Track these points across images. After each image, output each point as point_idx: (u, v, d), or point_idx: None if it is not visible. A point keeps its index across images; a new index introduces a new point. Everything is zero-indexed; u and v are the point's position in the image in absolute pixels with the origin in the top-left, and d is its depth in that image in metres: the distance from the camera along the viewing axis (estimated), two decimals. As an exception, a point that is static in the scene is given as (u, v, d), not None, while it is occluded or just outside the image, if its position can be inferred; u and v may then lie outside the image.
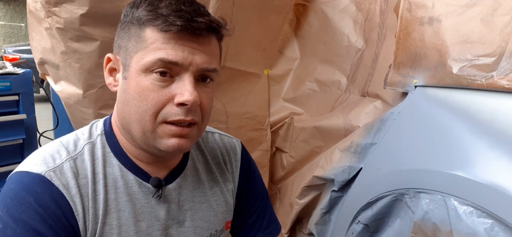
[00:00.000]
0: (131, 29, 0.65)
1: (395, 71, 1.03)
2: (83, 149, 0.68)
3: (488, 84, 0.82)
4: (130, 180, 0.70)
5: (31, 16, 1.23)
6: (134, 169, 0.70)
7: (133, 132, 0.66)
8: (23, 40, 12.13)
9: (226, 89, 1.39)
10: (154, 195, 0.71)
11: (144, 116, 0.64)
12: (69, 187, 0.64)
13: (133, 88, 0.64)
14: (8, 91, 1.65)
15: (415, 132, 0.97)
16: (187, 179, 0.76)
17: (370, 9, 1.27)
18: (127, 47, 0.65)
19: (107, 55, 0.70)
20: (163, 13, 0.62)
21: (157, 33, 0.62)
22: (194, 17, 0.62)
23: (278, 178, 1.57)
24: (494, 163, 0.76)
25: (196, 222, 0.76)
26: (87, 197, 0.65)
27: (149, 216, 0.70)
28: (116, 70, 0.70)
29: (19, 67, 1.81)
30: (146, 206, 0.70)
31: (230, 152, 0.86)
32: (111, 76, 0.71)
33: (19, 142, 1.68)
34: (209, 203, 0.78)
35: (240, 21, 1.30)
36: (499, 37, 0.82)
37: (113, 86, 0.70)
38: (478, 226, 0.74)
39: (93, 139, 0.71)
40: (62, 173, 0.64)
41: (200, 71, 0.65)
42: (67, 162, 0.66)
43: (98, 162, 0.69)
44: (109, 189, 0.68)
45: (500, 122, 0.79)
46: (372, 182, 1.06)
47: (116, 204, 0.68)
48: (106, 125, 0.73)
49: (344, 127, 1.24)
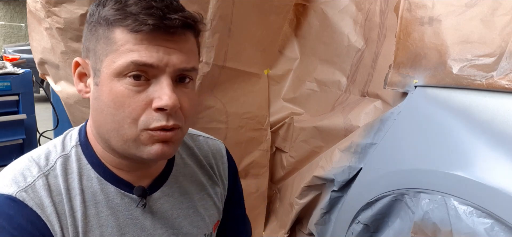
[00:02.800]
0: (99, 30, 0.60)
1: (395, 71, 1.03)
2: (55, 163, 0.63)
3: (488, 84, 0.82)
4: (111, 192, 0.65)
5: (31, 16, 1.23)
6: (114, 180, 0.65)
7: (111, 141, 0.61)
8: (23, 40, 12.12)
9: (226, 89, 1.39)
10: (138, 204, 0.67)
11: (122, 124, 0.59)
12: (43, 207, 0.59)
13: (106, 95, 0.58)
14: (8, 91, 1.65)
15: (415, 132, 0.97)
16: (172, 186, 0.72)
17: (370, 9, 1.27)
18: (95, 50, 0.60)
19: (75, 59, 0.64)
20: (132, 12, 0.57)
21: (128, 34, 0.57)
22: (167, 14, 0.57)
23: (278, 178, 1.57)
24: (494, 163, 0.76)
25: (184, 228, 0.73)
26: (64, 215, 0.60)
27: (134, 228, 0.66)
28: (86, 75, 0.64)
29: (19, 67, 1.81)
30: (130, 218, 0.66)
31: (216, 155, 0.82)
32: (81, 81, 0.65)
33: (19, 142, 1.69)
34: (196, 209, 0.75)
35: (240, 21, 1.30)
36: (499, 37, 0.82)
37: (84, 92, 0.64)
38: (478, 226, 0.74)
39: (67, 152, 0.65)
40: (35, 192, 0.59)
41: (177, 72, 0.60)
42: (39, 179, 0.60)
43: (72, 176, 0.63)
44: (88, 204, 0.63)
45: (500, 122, 0.79)
46: (372, 182, 1.06)
47: (98, 220, 0.63)
48: (81, 135, 0.67)
49: (344, 127, 1.24)
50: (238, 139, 1.45)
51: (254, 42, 1.41)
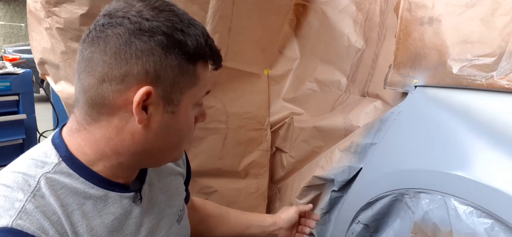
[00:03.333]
0: (181, 62, 0.60)
1: (395, 71, 1.03)
2: (38, 183, 0.59)
3: (488, 84, 0.82)
4: (111, 197, 0.66)
5: (31, 16, 1.23)
6: (110, 186, 0.66)
7: (157, 157, 0.68)
8: (23, 40, 12.12)
9: (226, 89, 1.39)
10: (134, 199, 0.69)
11: (183, 143, 0.69)
12: (44, 230, 0.55)
13: (183, 122, 0.65)
14: (8, 91, 1.65)
15: (415, 132, 0.97)
16: (151, 176, 0.77)
17: (370, 9, 1.27)
18: (174, 82, 0.61)
19: (148, 88, 0.58)
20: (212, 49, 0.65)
21: (206, 69, 0.66)
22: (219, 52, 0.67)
23: (278, 178, 1.57)
24: (494, 163, 0.76)
25: (167, 210, 0.78)
26: (66, 234, 0.58)
27: (135, 225, 0.69)
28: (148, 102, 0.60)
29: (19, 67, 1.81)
30: (130, 216, 0.69)
31: None
32: (143, 110, 0.60)
33: (19, 142, 1.69)
34: (171, 191, 0.82)
35: (240, 21, 1.30)
36: (499, 37, 0.82)
37: (145, 120, 0.60)
38: (478, 226, 0.74)
39: (49, 169, 0.61)
40: (29, 216, 0.55)
41: None
42: (29, 203, 0.56)
43: (65, 192, 0.61)
44: (91, 216, 0.62)
45: (500, 122, 0.79)
46: (372, 182, 1.06)
47: (104, 228, 0.64)
48: (61, 151, 0.63)
49: (344, 127, 1.24)
50: (238, 139, 1.45)
51: (254, 42, 1.41)
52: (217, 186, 1.45)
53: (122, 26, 0.58)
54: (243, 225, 1.09)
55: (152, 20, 0.58)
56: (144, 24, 0.58)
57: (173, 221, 0.80)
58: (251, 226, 1.09)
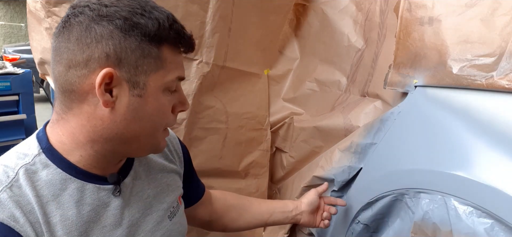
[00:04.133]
0: (143, 46, 0.62)
1: (395, 71, 1.03)
2: (17, 174, 0.62)
3: (488, 84, 0.82)
4: (88, 189, 0.67)
5: (31, 16, 1.23)
6: (88, 177, 0.67)
7: (133, 145, 0.68)
8: (23, 40, 12.13)
9: (226, 89, 1.39)
10: (113, 192, 0.70)
11: (158, 130, 0.69)
12: (15, 218, 0.58)
13: (152, 106, 0.65)
14: (8, 91, 1.65)
15: (415, 132, 0.97)
16: (138, 170, 0.78)
17: (370, 9, 1.27)
18: (137, 63, 0.62)
19: (108, 70, 0.60)
20: (178, 33, 0.65)
21: (173, 52, 0.66)
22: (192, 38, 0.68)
23: (278, 178, 1.57)
24: (494, 163, 0.76)
25: (156, 206, 0.79)
26: (38, 223, 0.60)
27: (114, 218, 0.70)
28: (116, 86, 0.63)
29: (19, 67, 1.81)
30: (109, 209, 0.69)
31: (171, 140, 0.90)
32: (107, 92, 0.62)
33: (19, 142, 1.69)
34: (162, 187, 0.82)
35: (240, 21, 1.30)
36: (499, 37, 0.82)
37: (110, 103, 0.62)
38: (478, 226, 0.74)
39: (28, 161, 0.64)
40: (1, 205, 0.58)
41: None
42: (3, 193, 0.59)
43: (41, 184, 0.63)
44: (66, 206, 0.64)
45: (500, 122, 0.79)
46: (372, 182, 1.06)
47: (80, 218, 0.65)
48: (42, 142, 0.66)
49: (344, 127, 1.24)
50: (238, 139, 1.45)
51: (254, 42, 1.41)
52: (217, 186, 1.45)
53: (83, 14, 0.61)
54: (265, 213, 1.09)
55: (111, 6, 0.61)
56: (103, 10, 0.61)
57: (163, 217, 0.80)
58: (274, 213, 1.09)
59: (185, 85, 1.26)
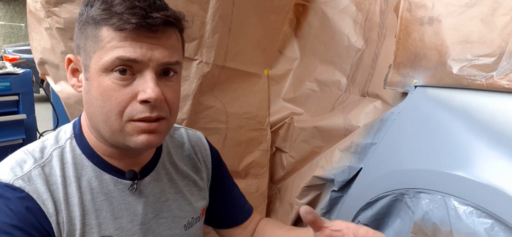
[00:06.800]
0: (87, 29, 0.65)
1: (395, 71, 1.03)
2: (51, 155, 0.68)
3: (488, 84, 0.82)
4: (105, 179, 0.71)
5: (31, 16, 1.23)
6: (108, 168, 0.71)
7: (101, 131, 0.67)
8: (23, 40, 12.12)
9: (226, 89, 1.39)
10: (129, 188, 0.72)
11: (109, 116, 0.64)
12: (39, 193, 0.64)
13: (95, 89, 0.64)
14: (8, 91, 1.65)
15: (415, 132, 0.97)
16: (160, 173, 0.78)
17: (370, 9, 1.27)
18: (85, 48, 0.65)
19: (68, 56, 0.70)
20: (117, 11, 0.61)
21: (113, 32, 0.62)
22: (149, 13, 0.61)
23: (278, 178, 1.57)
24: (494, 163, 0.76)
25: (173, 212, 0.79)
26: (59, 201, 0.65)
27: (128, 212, 0.72)
28: (78, 70, 0.70)
29: (19, 67, 1.81)
30: (123, 203, 0.72)
31: (199, 143, 0.89)
32: (74, 77, 0.71)
33: (19, 142, 1.69)
34: (183, 193, 0.81)
35: (240, 21, 1.30)
36: (499, 37, 0.82)
37: (77, 87, 0.70)
38: (478, 226, 0.74)
39: (61, 144, 0.71)
40: (30, 180, 0.64)
41: (161, 66, 0.65)
42: (35, 169, 0.66)
43: (68, 166, 0.69)
44: (83, 191, 0.69)
45: (500, 122, 0.79)
46: (372, 182, 1.06)
47: (93, 204, 0.69)
48: (75, 128, 0.73)
49: (344, 127, 1.24)
50: (238, 139, 1.45)
51: (254, 42, 1.41)
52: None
53: None
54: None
55: None
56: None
57: (179, 225, 0.79)
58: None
59: (185, 85, 1.26)
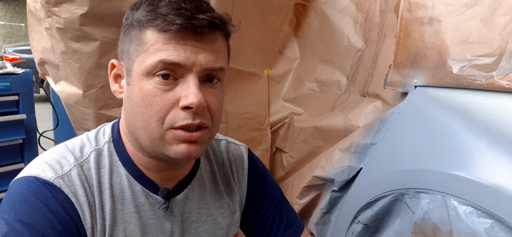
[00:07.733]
0: (132, 32, 0.63)
1: (395, 71, 1.03)
2: (89, 156, 0.66)
3: (488, 84, 0.82)
4: (138, 191, 0.67)
5: (31, 16, 1.23)
6: (142, 179, 0.68)
7: (140, 139, 0.63)
8: (23, 40, 12.12)
9: (226, 89, 1.38)
10: (161, 206, 0.69)
11: (150, 122, 0.60)
12: (77, 195, 0.62)
13: (136, 94, 0.61)
14: (8, 91, 1.65)
15: (415, 132, 0.97)
16: (194, 191, 0.74)
17: (370, 9, 1.27)
18: (129, 52, 0.63)
19: (111, 61, 0.67)
20: (162, 13, 0.59)
21: (157, 34, 0.59)
22: (195, 15, 0.58)
23: (278, 178, 1.57)
24: (494, 163, 0.76)
25: (200, 234, 0.74)
26: (94, 206, 0.64)
27: (155, 229, 0.69)
28: (121, 76, 0.67)
29: (19, 67, 1.81)
30: (153, 218, 0.68)
31: (237, 161, 0.83)
32: (116, 82, 0.68)
33: (19, 142, 1.68)
34: (214, 216, 0.76)
35: (240, 21, 1.30)
36: (499, 37, 0.82)
37: (118, 93, 0.67)
38: (478, 226, 0.74)
39: (100, 146, 0.68)
40: (70, 180, 0.62)
41: (205, 71, 0.61)
42: (75, 168, 0.63)
43: (104, 170, 0.66)
44: (116, 199, 0.66)
45: (500, 122, 0.79)
46: (372, 182, 1.06)
47: (123, 216, 0.66)
48: (114, 131, 0.70)
49: (344, 127, 1.24)
50: (238, 139, 1.44)
51: (254, 42, 1.41)
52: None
53: None
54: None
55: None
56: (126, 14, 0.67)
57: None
58: None
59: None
